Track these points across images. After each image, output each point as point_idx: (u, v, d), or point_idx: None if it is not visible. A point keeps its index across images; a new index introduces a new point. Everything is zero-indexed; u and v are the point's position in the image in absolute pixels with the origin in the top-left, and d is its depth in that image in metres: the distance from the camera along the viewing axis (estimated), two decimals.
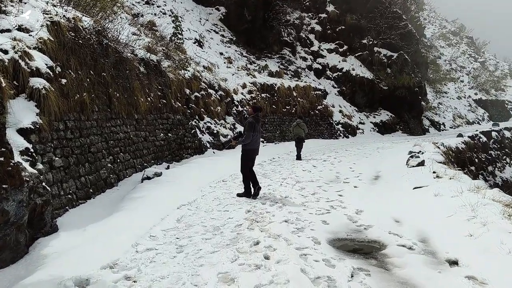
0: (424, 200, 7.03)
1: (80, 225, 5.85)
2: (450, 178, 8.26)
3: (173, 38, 17.76)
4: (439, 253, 4.78)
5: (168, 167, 11.50)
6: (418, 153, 13.26)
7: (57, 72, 7.16)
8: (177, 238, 5.19)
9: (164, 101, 13.20)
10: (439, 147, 16.01)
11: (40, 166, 5.88)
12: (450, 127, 39.02)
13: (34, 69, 6.51)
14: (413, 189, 8.12)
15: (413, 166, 10.84)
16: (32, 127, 6.04)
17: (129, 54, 11.59)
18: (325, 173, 11.23)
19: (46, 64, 6.80)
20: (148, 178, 8.94)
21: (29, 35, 6.92)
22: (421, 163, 10.87)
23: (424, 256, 4.67)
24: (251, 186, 8.14)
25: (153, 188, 7.99)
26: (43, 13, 7.50)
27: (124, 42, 11.59)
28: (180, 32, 18.03)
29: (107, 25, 10.38)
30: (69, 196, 6.67)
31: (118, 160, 9.23)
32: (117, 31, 11.11)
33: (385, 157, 14.62)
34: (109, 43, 9.87)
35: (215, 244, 4.90)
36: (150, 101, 12.19)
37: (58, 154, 6.67)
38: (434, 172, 9.38)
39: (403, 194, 7.89)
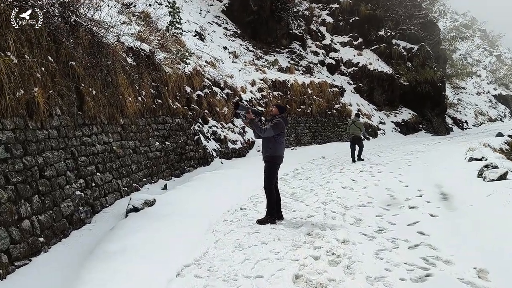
0: None
1: None
2: None
3: (170, 27, 15.04)
4: None
5: (165, 187, 8.80)
6: (482, 159, 10.54)
7: None
8: None
9: (160, 101, 10.52)
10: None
11: None
12: (473, 125, 36.16)
13: None
14: None
15: (493, 180, 8.10)
16: None
17: (112, 40, 8.91)
18: (372, 190, 8.51)
19: None
20: (135, 209, 6.22)
21: None
22: (503, 176, 8.13)
23: None
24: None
25: (140, 230, 5.26)
26: None
27: (106, 23, 8.92)
28: (178, 20, 15.32)
29: None
30: None
31: (93, 184, 6.52)
32: (95, 7, 8.42)
33: (431, 164, 11.90)
34: (80, 20, 7.16)
35: None
36: (141, 101, 9.51)
37: None
38: None
39: None
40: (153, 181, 9.06)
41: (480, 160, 10.53)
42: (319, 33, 28.88)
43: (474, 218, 6.05)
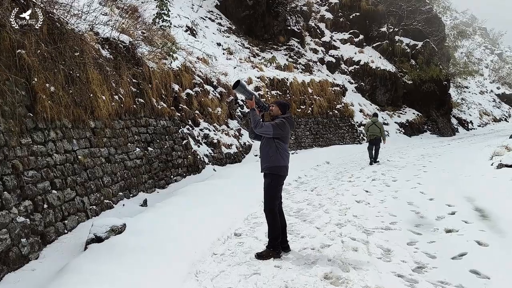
0: None
1: None
2: None
3: (157, 20, 13.60)
4: None
5: (145, 202, 7.36)
6: None
7: None
8: None
9: (142, 100, 9.11)
10: None
11: None
12: (478, 126, 34.90)
13: None
14: None
15: None
16: None
17: (82, 28, 7.49)
18: (392, 204, 7.13)
19: None
20: (98, 239, 4.79)
21: None
22: None
23: None
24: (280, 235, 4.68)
25: (96, 274, 3.83)
26: None
27: (77, 8, 7.51)
28: (166, 12, 13.88)
29: None
30: None
31: (45, 206, 5.08)
32: None
33: (452, 171, 10.57)
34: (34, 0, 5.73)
35: None
36: (119, 101, 8.10)
37: None
38: None
39: None
40: (131, 195, 7.64)
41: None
42: (318, 30, 27.51)
43: None
